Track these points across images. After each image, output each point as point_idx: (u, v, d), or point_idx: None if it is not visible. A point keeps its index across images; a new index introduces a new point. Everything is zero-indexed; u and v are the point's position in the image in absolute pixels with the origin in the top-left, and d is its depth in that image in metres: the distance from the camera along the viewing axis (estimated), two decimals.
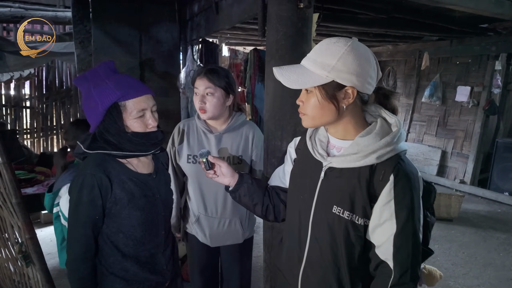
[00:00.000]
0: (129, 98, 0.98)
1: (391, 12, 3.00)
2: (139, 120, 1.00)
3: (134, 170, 1.06)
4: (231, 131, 1.46)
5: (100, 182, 0.98)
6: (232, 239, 1.53)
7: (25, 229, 1.41)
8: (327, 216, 0.88)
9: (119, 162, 1.04)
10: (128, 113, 0.99)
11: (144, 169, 1.10)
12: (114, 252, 1.05)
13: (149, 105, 1.03)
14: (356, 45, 0.83)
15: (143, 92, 1.01)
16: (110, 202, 1.00)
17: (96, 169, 0.98)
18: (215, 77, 1.38)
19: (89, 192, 0.97)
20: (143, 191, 1.06)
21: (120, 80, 1.00)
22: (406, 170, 0.81)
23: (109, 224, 1.03)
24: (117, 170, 1.02)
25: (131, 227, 1.04)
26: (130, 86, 0.99)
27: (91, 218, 0.99)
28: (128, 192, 1.02)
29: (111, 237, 1.04)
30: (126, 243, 1.05)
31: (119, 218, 1.03)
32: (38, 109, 5.40)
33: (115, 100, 0.97)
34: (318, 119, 0.87)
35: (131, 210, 1.02)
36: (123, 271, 1.06)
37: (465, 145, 4.87)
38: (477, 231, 3.46)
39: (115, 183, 1.00)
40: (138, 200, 1.04)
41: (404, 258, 0.81)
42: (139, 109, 0.99)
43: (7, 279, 1.73)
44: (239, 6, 2.06)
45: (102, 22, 2.52)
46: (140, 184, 1.06)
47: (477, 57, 4.68)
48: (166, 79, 2.86)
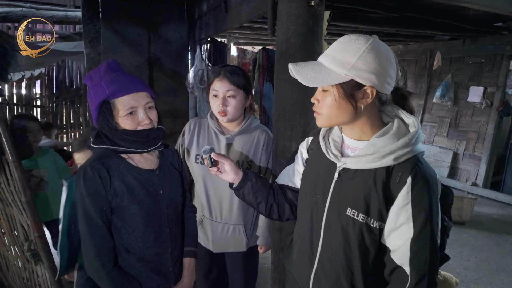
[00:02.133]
0: (118, 96, 0.99)
1: (402, 10, 2.95)
2: (130, 118, 1.00)
3: (135, 165, 1.07)
4: (243, 134, 1.43)
5: (99, 173, 0.99)
6: (235, 247, 1.49)
7: (34, 228, 1.41)
8: (341, 218, 0.85)
9: (120, 157, 1.05)
10: (117, 111, 1.00)
11: (146, 165, 1.10)
12: (119, 247, 1.05)
13: (141, 103, 1.02)
14: (377, 44, 0.80)
15: (133, 90, 1.00)
16: (110, 194, 1.01)
17: (95, 162, 1.00)
18: (236, 77, 1.33)
19: (92, 183, 0.98)
20: (143, 185, 1.06)
21: (113, 79, 1.00)
22: (424, 173, 0.78)
23: (113, 219, 1.04)
24: (117, 164, 1.03)
25: (132, 222, 1.04)
26: (121, 84, 0.99)
27: (99, 208, 1.00)
28: (127, 184, 1.03)
29: (116, 233, 1.05)
30: (129, 239, 1.05)
31: (121, 212, 1.03)
32: (48, 108, 5.46)
33: (104, 98, 0.98)
34: (334, 118, 0.84)
35: (130, 203, 1.02)
36: (129, 267, 1.06)
37: (477, 147, 4.77)
38: (490, 235, 3.37)
39: (114, 175, 1.01)
40: (137, 193, 1.04)
41: (421, 264, 0.78)
42: (128, 106, 0.99)
43: (16, 277, 1.74)
44: (248, 4, 2.04)
45: (112, 21, 2.52)
46: (140, 178, 1.06)
47: (491, 57, 4.58)
48: (175, 78, 2.86)
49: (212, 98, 1.38)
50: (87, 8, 2.70)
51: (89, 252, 1.01)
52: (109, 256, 1.02)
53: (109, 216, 1.02)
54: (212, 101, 1.37)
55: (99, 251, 1.00)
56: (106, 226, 1.02)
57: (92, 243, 1.00)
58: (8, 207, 1.58)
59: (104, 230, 1.01)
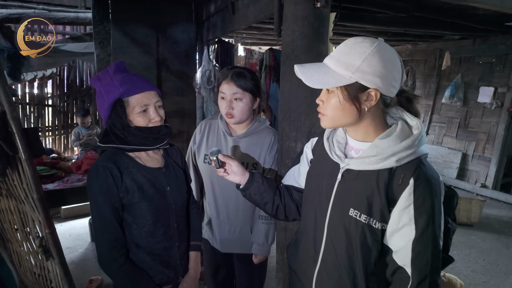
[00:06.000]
0: (132, 94, 1.04)
1: (411, 10, 2.92)
2: (142, 115, 1.05)
3: (143, 164, 1.11)
4: (249, 136, 1.44)
5: (111, 171, 1.03)
6: (242, 248, 1.50)
7: (45, 224, 1.45)
8: (344, 219, 0.86)
9: (128, 156, 1.10)
10: (131, 108, 1.04)
11: (153, 163, 1.14)
12: (130, 242, 1.10)
13: (152, 101, 1.07)
14: (382, 46, 0.80)
15: (145, 88, 1.06)
16: (122, 191, 1.05)
17: (107, 161, 1.05)
18: (242, 81, 1.34)
19: (104, 181, 1.03)
20: (151, 183, 1.10)
21: (124, 78, 1.05)
22: (426, 174, 0.79)
23: (124, 216, 1.08)
24: (126, 163, 1.08)
25: (142, 217, 1.08)
26: (133, 83, 1.04)
27: (111, 205, 1.04)
28: (137, 182, 1.07)
29: (127, 229, 1.09)
30: (139, 235, 1.09)
31: (132, 209, 1.07)
32: (59, 107, 5.57)
33: (118, 96, 1.03)
34: (338, 120, 0.85)
35: (140, 200, 1.07)
36: (139, 262, 1.11)
37: (487, 148, 4.70)
38: (499, 237, 3.33)
39: (125, 174, 1.06)
40: (147, 190, 1.08)
41: (423, 265, 0.78)
42: (141, 104, 1.04)
43: (28, 272, 1.79)
44: (255, 6, 2.05)
45: (121, 23, 2.56)
46: (148, 176, 1.10)
47: (501, 57, 4.50)
48: (182, 79, 2.89)
49: (220, 100, 1.40)
50: (97, 10, 2.75)
51: (102, 248, 1.05)
52: (121, 251, 1.06)
53: (120, 212, 1.07)
54: (220, 103, 1.40)
55: (112, 246, 1.05)
56: (118, 222, 1.06)
57: (105, 239, 1.05)
58: (20, 204, 1.62)
59: (116, 226, 1.05)
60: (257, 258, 1.49)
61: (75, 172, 3.14)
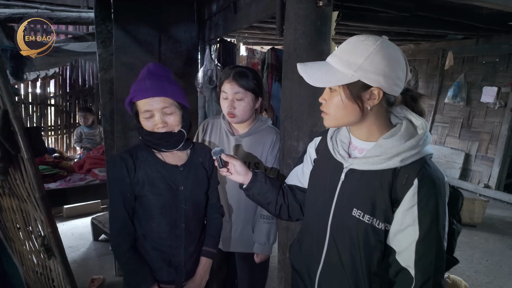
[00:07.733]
0: (138, 99, 1.07)
1: (414, 10, 2.90)
2: (148, 120, 1.07)
3: (162, 160, 1.14)
4: (251, 135, 1.44)
5: (126, 162, 1.09)
6: (244, 247, 1.50)
7: (47, 223, 1.45)
8: (347, 219, 0.85)
9: (150, 150, 1.14)
10: (140, 112, 1.08)
11: (173, 160, 1.16)
12: (139, 233, 1.14)
13: (157, 108, 1.05)
14: (385, 44, 0.79)
15: (150, 94, 1.05)
16: (134, 182, 1.10)
17: (125, 152, 1.12)
18: (244, 80, 1.34)
19: (119, 171, 1.08)
20: (164, 179, 1.12)
21: (139, 82, 1.08)
22: (431, 175, 0.78)
23: (136, 206, 1.13)
24: (145, 156, 1.12)
25: (149, 211, 1.11)
26: (142, 88, 1.05)
27: (123, 194, 1.09)
28: (149, 175, 1.11)
29: (137, 220, 1.14)
30: (146, 227, 1.13)
31: (142, 200, 1.11)
32: (61, 106, 5.59)
33: (129, 100, 1.09)
34: (340, 119, 0.84)
35: (148, 193, 1.10)
36: (145, 253, 1.13)
37: (490, 148, 4.67)
38: (503, 238, 3.30)
39: (140, 166, 1.10)
40: (157, 185, 1.11)
41: (426, 266, 0.77)
42: (145, 110, 1.06)
43: (30, 271, 1.79)
44: (257, 5, 2.04)
45: (123, 22, 2.56)
46: (163, 172, 1.12)
47: (505, 56, 4.47)
48: (185, 78, 2.89)
49: (222, 99, 1.40)
50: (100, 9, 2.75)
51: (112, 231, 1.14)
52: (126, 239, 1.11)
53: (132, 203, 1.11)
54: (222, 102, 1.40)
55: (118, 233, 1.12)
56: (127, 211, 1.11)
57: (114, 224, 1.11)
58: (23, 203, 1.63)
59: (124, 215, 1.10)
60: (259, 257, 1.49)
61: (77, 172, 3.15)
